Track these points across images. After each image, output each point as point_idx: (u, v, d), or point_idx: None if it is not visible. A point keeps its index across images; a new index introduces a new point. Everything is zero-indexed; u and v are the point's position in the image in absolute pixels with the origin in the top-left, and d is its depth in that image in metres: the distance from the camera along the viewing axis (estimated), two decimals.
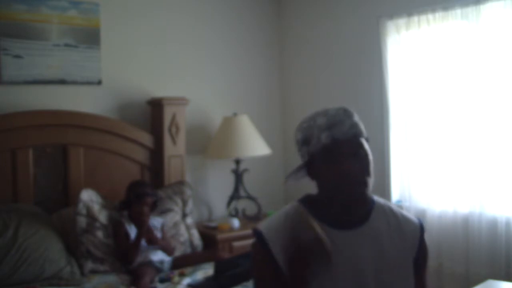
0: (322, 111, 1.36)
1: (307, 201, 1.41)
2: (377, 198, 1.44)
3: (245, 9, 4.22)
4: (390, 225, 1.39)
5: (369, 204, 1.39)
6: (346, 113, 1.34)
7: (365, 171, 1.32)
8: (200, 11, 3.96)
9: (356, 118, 1.36)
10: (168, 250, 3.07)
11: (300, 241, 1.28)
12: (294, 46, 4.33)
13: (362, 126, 1.37)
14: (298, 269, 1.27)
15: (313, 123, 1.35)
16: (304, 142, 1.36)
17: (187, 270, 2.97)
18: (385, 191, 3.61)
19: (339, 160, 1.30)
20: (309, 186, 1.47)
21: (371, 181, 1.33)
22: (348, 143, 1.32)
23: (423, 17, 3.34)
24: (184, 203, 3.43)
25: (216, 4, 4.05)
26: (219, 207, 3.99)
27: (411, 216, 1.47)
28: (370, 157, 1.35)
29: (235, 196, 3.87)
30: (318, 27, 4.10)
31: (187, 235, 3.34)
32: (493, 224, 3.09)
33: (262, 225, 1.39)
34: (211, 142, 3.84)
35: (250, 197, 3.89)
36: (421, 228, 1.43)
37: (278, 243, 1.32)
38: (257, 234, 1.36)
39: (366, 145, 1.35)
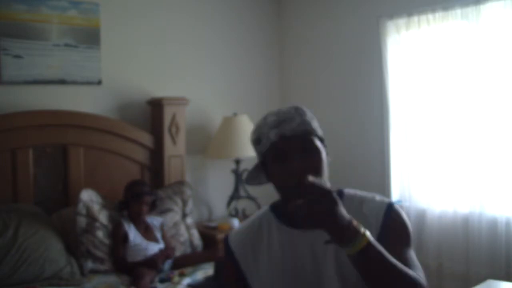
0: (274, 111, 1.34)
1: (276, 205, 1.42)
2: (347, 191, 1.39)
3: (245, 9, 4.22)
4: (352, 214, 1.22)
5: None
6: (297, 111, 1.31)
7: (314, 169, 1.27)
8: (200, 11, 3.96)
9: (309, 116, 1.33)
10: (168, 251, 3.06)
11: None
12: (294, 46, 4.33)
13: (315, 125, 1.33)
14: None
15: (264, 122, 1.32)
16: (256, 142, 1.34)
17: (187, 270, 2.97)
18: (385, 191, 3.61)
19: (287, 157, 1.27)
20: None
21: (321, 179, 1.26)
22: (296, 139, 1.28)
23: (423, 17, 3.34)
24: (184, 203, 3.43)
25: (216, 4, 4.05)
26: (219, 207, 3.99)
27: (382, 198, 1.38)
28: (323, 155, 1.30)
29: (235, 196, 3.87)
30: (318, 27, 4.10)
31: (187, 235, 3.34)
32: (493, 224, 3.09)
33: (233, 231, 1.48)
34: (211, 142, 3.84)
35: (250, 197, 3.89)
36: (387, 206, 1.33)
37: (240, 247, 1.39)
38: (225, 239, 1.45)
39: (317, 143, 1.31)
